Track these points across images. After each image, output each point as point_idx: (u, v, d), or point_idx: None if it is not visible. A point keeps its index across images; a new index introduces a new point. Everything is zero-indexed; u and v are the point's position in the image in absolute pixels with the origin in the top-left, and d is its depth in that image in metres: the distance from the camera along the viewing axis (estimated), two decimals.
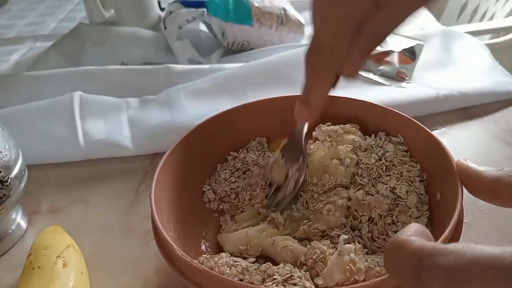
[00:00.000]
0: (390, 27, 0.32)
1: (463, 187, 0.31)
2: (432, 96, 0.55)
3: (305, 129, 0.40)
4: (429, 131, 0.38)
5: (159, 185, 0.36)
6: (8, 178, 0.40)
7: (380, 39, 0.33)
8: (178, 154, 0.40)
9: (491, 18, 1.02)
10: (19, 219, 0.44)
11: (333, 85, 0.36)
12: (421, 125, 0.39)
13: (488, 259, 0.19)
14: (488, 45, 0.66)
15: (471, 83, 0.57)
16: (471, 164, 0.31)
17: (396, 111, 0.41)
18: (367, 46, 0.33)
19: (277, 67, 0.60)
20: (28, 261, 0.36)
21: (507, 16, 0.95)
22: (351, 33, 0.32)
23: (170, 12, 0.70)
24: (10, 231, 0.43)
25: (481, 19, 1.04)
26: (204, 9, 0.68)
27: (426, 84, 0.58)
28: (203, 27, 0.68)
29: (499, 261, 0.19)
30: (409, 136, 0.40)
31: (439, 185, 0.35)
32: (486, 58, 0.63)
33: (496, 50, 0.65)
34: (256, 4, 0.71)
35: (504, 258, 0.19)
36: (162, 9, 0.82)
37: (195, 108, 0.55)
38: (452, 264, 0.20)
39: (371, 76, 0.60)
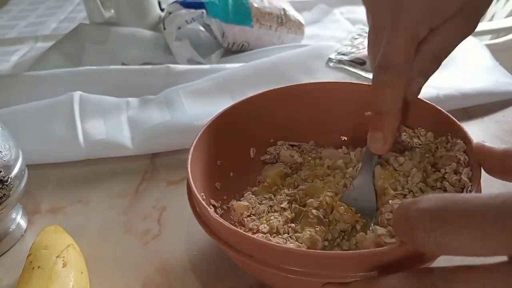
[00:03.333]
0: (447, 48, 0.34)
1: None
2: (432, 96, 0.54)
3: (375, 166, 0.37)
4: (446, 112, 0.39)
5: (197, 148, 0.37)
6: (8, 177, 0.40)
7: (438, 60, 0.34)
8: (217, 125, 0.41)
9: (491, 19, 1.02)
10: (19, 219, 0.44)
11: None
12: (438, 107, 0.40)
13: (474, 200, 0.20)
14: (488, 45, 0.66)
15: (471, 83, 0.57)
16: (487, 144, 0.31)
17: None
18: (426, 67, 0.34)
19: (277, 67, 0.60)
20: (28, 261, 0.36)
21: (507, 16, 0.95)
22: (414, 52, 0.33)
23: (170, 13, 0.70)
24: (10, 231, 0.43)
25: (481, 20, 1.04)
26: (204, 10, 0.68)
27: (426, 84, 0.58)
28: (202, 29, 0.68)
29: (488, 199, 0.20)
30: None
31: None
32: (486, 58, 0.63)
33: (496, 51, 0.65)
34: (256, 5, 0.71)
35: (494, 197, 0.20)
36: (162, 10, 0.82)
37: (195, 108, 0.55)
38: (434, 205, 0.21)
39: (371, 76, 0.60)
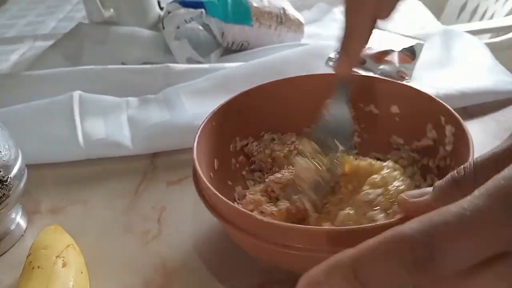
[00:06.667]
0: None
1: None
2: (432, 95, 0.54)
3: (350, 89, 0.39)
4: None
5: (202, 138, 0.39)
6: (8, 177, 0.40)
7: None
8: (220, 115, 0.43)
9: (491, 17, 1.02)
10: (19, 219, 0.44)
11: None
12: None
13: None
14: (488, 44, 0.66)
15: (471, 82, 0.57)
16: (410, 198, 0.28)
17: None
18: None
19: (277, 66, 0.60)
20: (27, 261, 0.36)
21: (507, 15, 0.95)
22: None
23: (169, 12, 0.70)
24: (10, 231, 0.43)
25: (481, 19, 1.04)
26: (203, 10, 0.68)
27: (426, 83, 0.58)
28: (201, 28, 0.68)
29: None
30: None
31: None
32: (486, 57, 0.63)
33: (496, 49, 0.65)
34: (255, 4, 0.71)
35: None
36: (161, 9, 0.81)
37: (195, 107, 0.55)
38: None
39: (371, 75, 0.60)
